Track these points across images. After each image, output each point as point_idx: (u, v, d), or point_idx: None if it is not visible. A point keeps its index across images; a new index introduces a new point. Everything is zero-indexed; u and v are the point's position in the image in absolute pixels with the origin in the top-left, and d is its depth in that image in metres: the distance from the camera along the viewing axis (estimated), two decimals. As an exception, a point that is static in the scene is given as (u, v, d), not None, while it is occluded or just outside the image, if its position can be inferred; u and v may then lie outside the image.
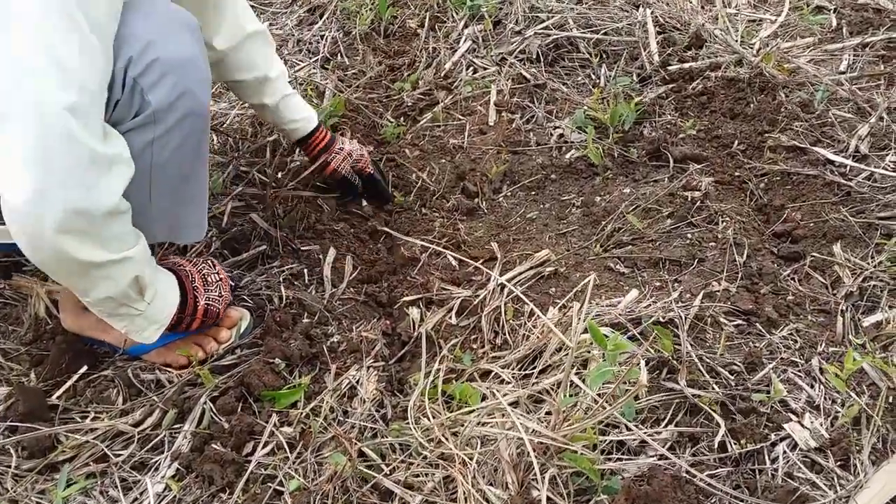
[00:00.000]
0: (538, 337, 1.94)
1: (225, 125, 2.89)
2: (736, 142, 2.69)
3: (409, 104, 3.05)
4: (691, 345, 1.93)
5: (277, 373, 1.96)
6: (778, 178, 2.52)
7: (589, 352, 1.88)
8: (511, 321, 2.06)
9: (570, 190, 2.62)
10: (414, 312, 2.18)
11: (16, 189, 1.31)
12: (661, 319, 1.97)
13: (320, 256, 2.37)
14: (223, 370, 2.02)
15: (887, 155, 2.59)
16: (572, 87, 3.07)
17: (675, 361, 1.87)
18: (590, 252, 2.29)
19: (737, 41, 3.14)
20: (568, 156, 2.74)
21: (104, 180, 1.38)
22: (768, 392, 1.78)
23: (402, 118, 3.04)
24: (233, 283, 2.12)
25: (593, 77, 3.13)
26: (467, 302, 2.17)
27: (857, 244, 2.25)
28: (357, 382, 1.96)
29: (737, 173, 2.58)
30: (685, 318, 2.00)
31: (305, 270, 2.31)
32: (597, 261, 2.26)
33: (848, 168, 2.52)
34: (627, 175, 2.60)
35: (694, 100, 2.95)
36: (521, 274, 2.24)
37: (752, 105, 2.84)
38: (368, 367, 2.01)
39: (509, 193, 2.65)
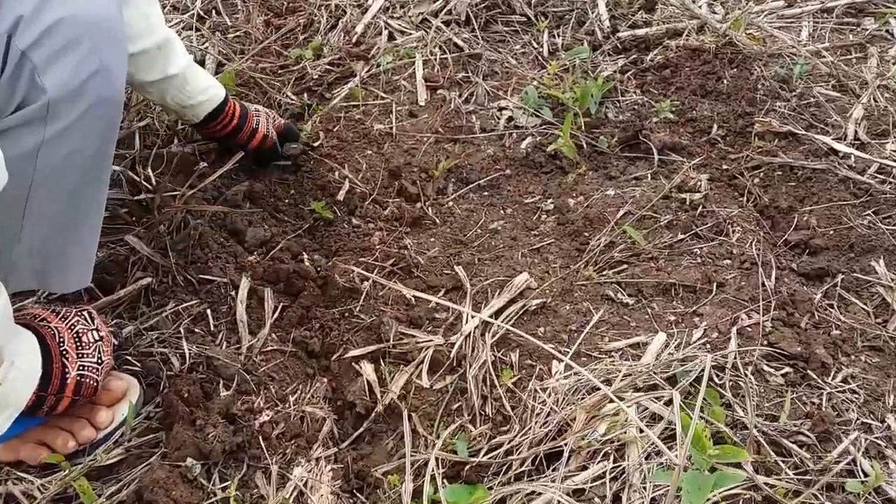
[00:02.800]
0: (554, 407, 1.47)
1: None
2: (715, 126, 2.30)
3: (315, 77, 2.48)
4: (742, 408, 1.52)
5: (191, 480, 1.41)
6: (778, 173, 2.15)
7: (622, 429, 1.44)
8: (507, 382, 1.58)
9: (533, 190, 2.15)
10: (368, 370, 1.66)
11: None
12: (692, 370, 1.55)
13: (228, 290, 1.79)
14: (108, 474, 1.45)
15: (887, 142, 2.26)
16: (514, 58, 2.57)
17: (729, 434, 1.46)
18: (579, 275, 1.83)
19: (696, 4, 2.73)
20: (523, 145, 2.27)
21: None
22: (860, 478, 1.40)
23: (306, 95, 2.45)
24: (116, 342, 1.53)
25: (535, 45, 2.65)
26: (439, 353, 1.67)
27: (891, 257, 1.91)
28: (306, 486, 1.43)
29: (724, 166, 2.19)
30: (724, 368, 1.59)
31: (209, 311, 1.73)
32: (590, 287, 1.81)
33: (853, 159, 2.17)
34: (599, 169, 2.17)
35: (655, 74, 2.54)
36: (502, 310, 1.75)
37: (724, 81, 2.46)
38: (318, 459, 1.48)
39: (459, 196, 2.15)
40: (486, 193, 2.18)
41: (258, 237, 1.99)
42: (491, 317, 1.74)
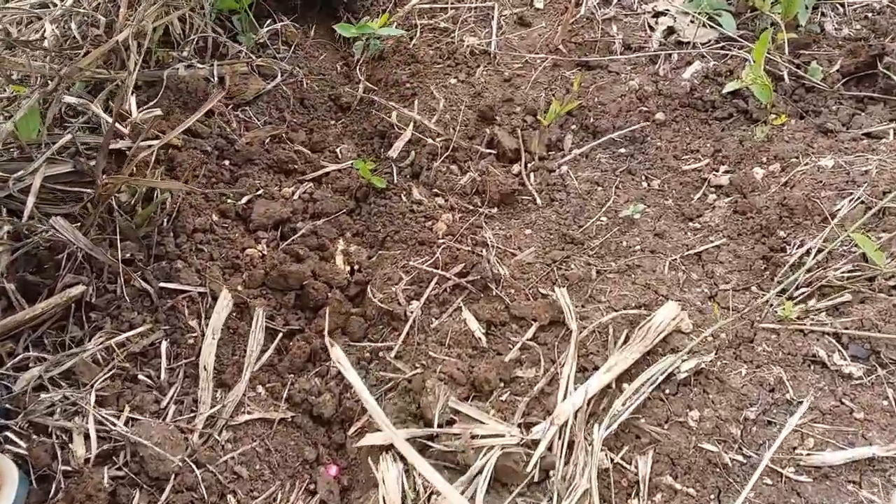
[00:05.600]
0: None
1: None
2: None
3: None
4: None
5: None
6: None
7: None
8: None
9: (699, 148, 1.41)
10: (390, 477, 1.02)
11: None
12: None
13: (203, 305, 1.17)
14: None
15: None
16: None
17: None
18: (766, 312, 1.09)
19: None
20: (687, 73, 1.50)
21: None
22: None
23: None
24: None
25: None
26: (512, 456, 1.00)
27: None
28: None
29: None
30: None
31: (165, 345, 1.12)
32: (784, 336, 1.10)
33: None
34: (807, 117, 1.39)
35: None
36: (629, 372, 1.05)
37: None
38: None
39: (580, 155, 1.42)
40: (622, 152, 1.44)
41: (270, 213, 1.35)
42: (608, 386, 1.04)
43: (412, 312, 1.20)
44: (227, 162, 1.44)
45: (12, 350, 1.16)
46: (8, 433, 1.06)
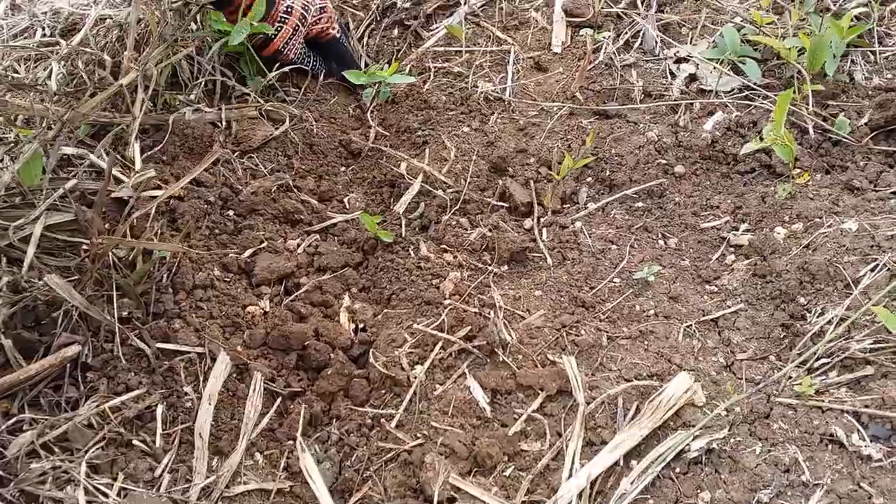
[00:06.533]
0: None
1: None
2: None
3: (406, 6, 1.72)
4: None
5: None
6: None
7: None
8: None
9: (719, 204, 1.38)
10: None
11: None
12: None
13: (203, 367, 1.15)
14: None
15: None
16: (708, -22, 1.72)
17: None
18: (783, 386, 1.06)
19: None
20: (709, 125, 1.46)
21: None
22: None
23: (397, 29, 1.72)
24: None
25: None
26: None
27: None
28: None
29: None
30: None
31: (161, 410, 1.10)
32: (802, 413, 1.05)
33: None
34: (833, 173, 1.35)
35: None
36: (637, 449, 1.02)
37: None
38: None
39: (596, 210, 1.38)
40: (639, 206, 1.41)
41: (274, 268, 1.32)
42: (616, 464, 1.01)
43: (415, 378, 1.17)
44: (231, 212, 1.41)
45: (7, 410, 1.14)
46: (-2, 500, 1.04)
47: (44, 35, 1.79)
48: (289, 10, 1.62)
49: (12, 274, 1.27)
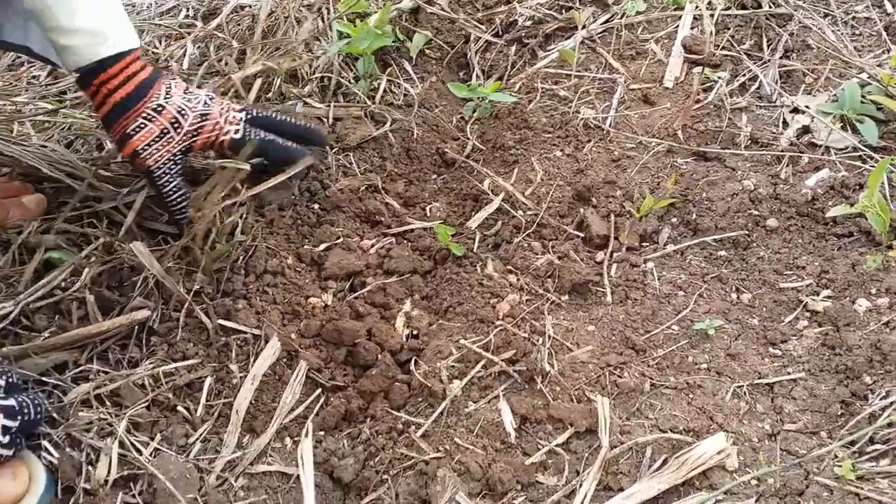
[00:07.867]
0: None
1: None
2: None
3: (527, 25, 1.74)
4: None
5: None
6: None
7: None
8: None
9: (805, 264, 1.31)
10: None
11: None
12: None
13: (254, 348, 1.22)
14: None
15: None
16: (842, 29, 1.64)
17: None
18: (825, 465, 1.01)
19: None
20: (812, 181, 1.40)
21: None
22: None
23: (514, 46, 1.75)
24: (19, 421, 1.05)
25: (884, 11, 1.69)
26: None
27: None
28: None
29: None
30: None
31: (209, 382, 1.17)
32: (837, 494, 1.01)
33: None
34: (937, 250, 1.25)
35: None
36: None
37: None
38: None
39: (672, 251, 1.36)
40: (720, 255, 1.37)
41: (344, 264, 1.38)
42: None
43: (450, 392, 1.20)
44: (316, 206, 1.48)
45: (77, 359, 1.25)
46: (47, 442, 1.13)
47: (186, 16, 1.93)
48: (159, 108, 1.32)
49: (110, 236, 1.39)
